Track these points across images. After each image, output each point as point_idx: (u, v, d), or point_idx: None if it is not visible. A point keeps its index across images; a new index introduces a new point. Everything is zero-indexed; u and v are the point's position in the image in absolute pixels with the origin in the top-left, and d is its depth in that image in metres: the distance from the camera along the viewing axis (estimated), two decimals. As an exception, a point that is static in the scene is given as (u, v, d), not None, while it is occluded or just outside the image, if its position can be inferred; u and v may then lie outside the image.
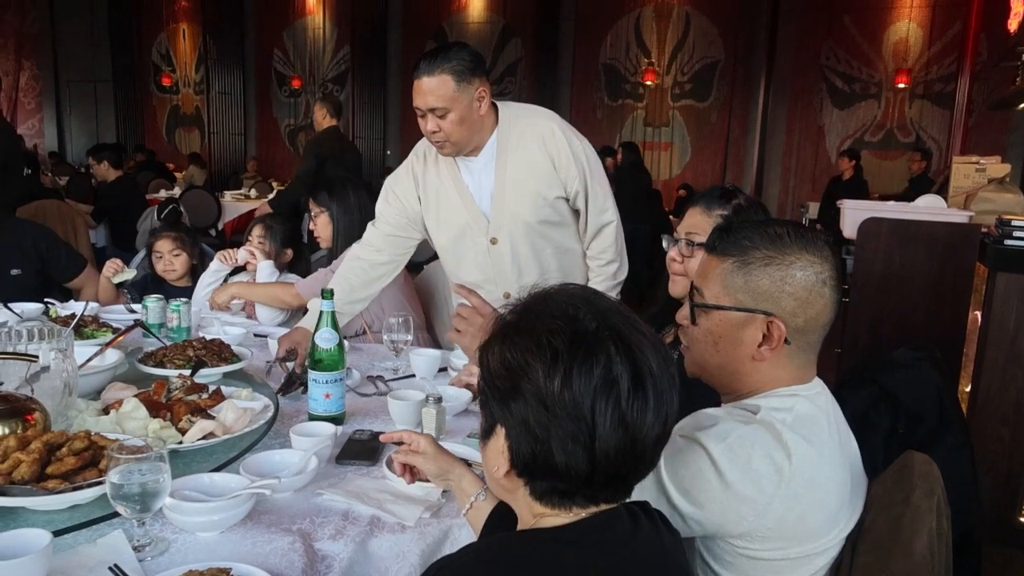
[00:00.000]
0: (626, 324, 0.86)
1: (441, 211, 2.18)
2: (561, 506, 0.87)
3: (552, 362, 0.82)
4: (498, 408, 0.87)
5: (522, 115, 2.13)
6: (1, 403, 1.34)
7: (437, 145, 2.05)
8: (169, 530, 1.19)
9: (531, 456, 0.85)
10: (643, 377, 0.83)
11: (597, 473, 0.83)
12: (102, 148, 5.94)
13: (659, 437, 0.86)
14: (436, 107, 1.95)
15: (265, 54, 11.87)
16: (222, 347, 1.95)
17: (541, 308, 0.87)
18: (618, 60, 9.83)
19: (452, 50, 1.97)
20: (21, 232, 2.91)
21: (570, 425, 0.81)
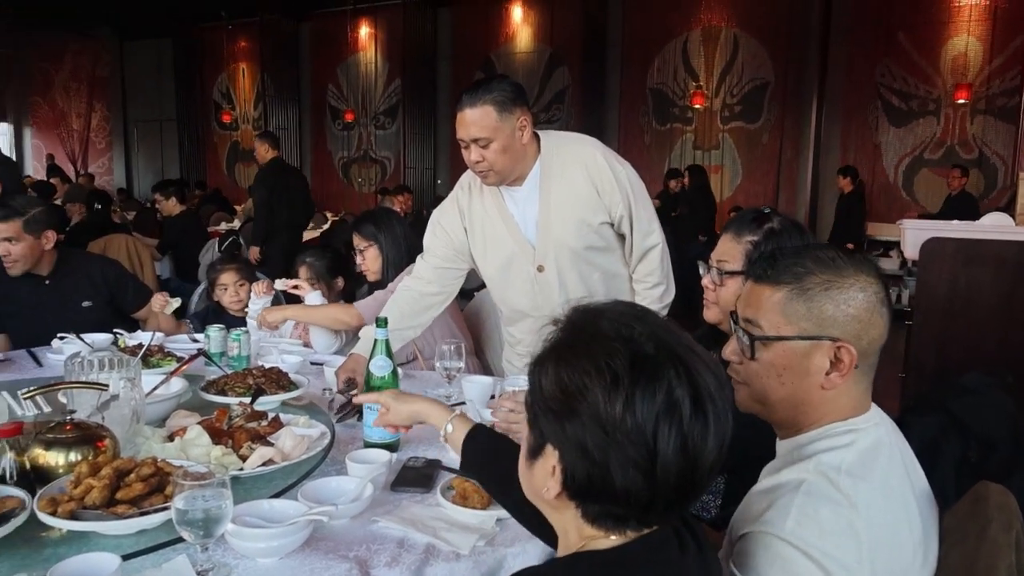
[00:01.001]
0: (681, 345, 0.85)
1: (487, 241, 2.21)
2: (614, 530, 0.86)
3: (612, 386, 0.80)
4: (551, 428, 0.86)
5: (564, 143, 2.15)
6: (74, 430, 1.40)
7: (481, 175, 2.09)
8: (231, 555, 1.22)
9: (586, 479, 0.83)
10: (703, 400, 0.81)
11: (657, 498, 0.82)
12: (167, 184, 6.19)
13: (715, 462, 0.84)
14: (479, 137, 2.00)
15: (320, 89, 12.23)
16: (280, 375, 2.00)
17: (594, 328, 0.86)
18: (666, 84, 9.81)
19: (494, 82, 2.02)
20: (92, 266, 3.04)
21: (631, 450, 0.80)
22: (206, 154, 13.31)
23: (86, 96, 14.09)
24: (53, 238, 2.84)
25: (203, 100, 13.11)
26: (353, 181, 12.17)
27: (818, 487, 0.98)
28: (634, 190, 2.14)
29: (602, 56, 9.99)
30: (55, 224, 2.90)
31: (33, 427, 1.45)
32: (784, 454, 1.09)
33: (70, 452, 1.37)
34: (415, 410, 1.42)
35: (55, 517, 1.20)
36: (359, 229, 2.75)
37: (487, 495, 1.43)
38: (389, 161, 11.83)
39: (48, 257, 2.85)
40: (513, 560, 1.29)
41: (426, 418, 1.41)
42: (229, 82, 12.96)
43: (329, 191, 12.12)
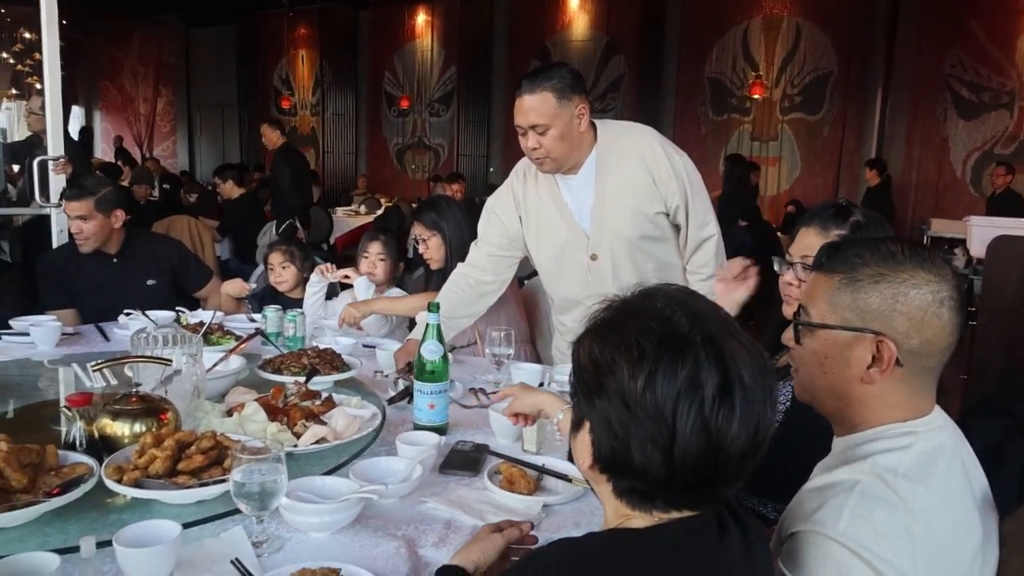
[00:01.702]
0: (722, 330, 0.84)
1: (541, 229, 2.21)
2: (642, 507, 0.87)
3: (638, 361, 0.82)
4: (584, 403, 0.89)
5: (621, 132, 2.14)
6: (139, 403, 1.46)
7: (537, 162, 2.09)
8: (285, 529, 1.26)
9: (611, 453, 0.85)
10: (731, 385, 0.81)
11: (675, 478, 0.82)
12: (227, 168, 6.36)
13: (747, 450, 0.83)
14: (537, 124, 2.00)
15: (376, 76, 12.37)
16: (334, 356, 2.04)
17: (636, 307, 0.88)
18: (724, 74, 9.61)
19: (553, 69, 2.02)
20: (156, 245, 3.15)
21: (650, 427, 0.81)
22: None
23: (153, 81, 14.53)
24: (122, 217, 2.95)
25: (263, 86, 13.39)
26: (407, 167, 12.29)
27: (873, 488, 0.96)
28: (691, 180, 2.11)
29: (659, 45, 9.84)
30: (124, 204, 3.01)
31: (101, 398, 1.52)
32: (838, 452, 1.07)
33: (135, 423, 1.43)
34: (536, 401, 1.50)
35: (121, 484, 1.26)
36: (421, 218, 2.75)
37: (534, 481, 1.44)
38: (443, 148, 11.90)
39: (116, 236, 2.96)
40: (558, 546, 1.30)
41: (543, 407, 1.48)
42: (289, 68, 13.20)
43: (383, 177, 12.26)
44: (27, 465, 1.24)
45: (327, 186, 11.94)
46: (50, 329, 2.36)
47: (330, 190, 11.84)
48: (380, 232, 3.06)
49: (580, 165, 2.12)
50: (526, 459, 1.55)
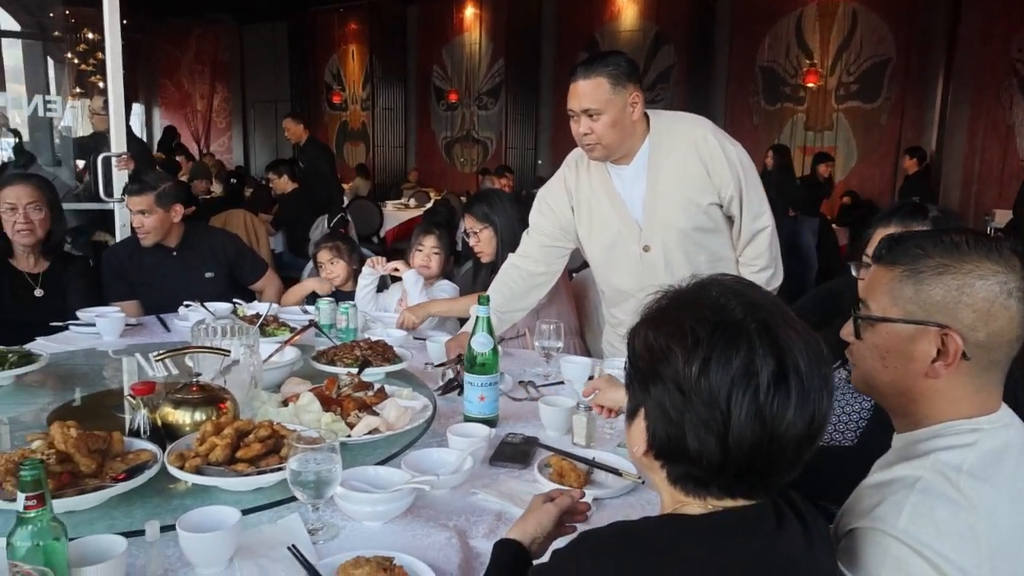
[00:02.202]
0: (777, 318, 0.84)
1: (593, 220, 2.20)
2: (696, 494, 0.88)
3: (692, 348, 0.83)
4: (639, 390, 0.90)
5: (674, 122, 2.13)
6: (199, 392, 1.50)
7: (587, 148, 2.09)
8: (339, 517, 1.28)
9: (666, 439, 0.86)
10: (787, 372, 0.81)
11: (729, 464, 0.83)
12: (281, 163, 6.48)
13: (802, 438, 0.83)
14: (590, 108, 2.00)
15: (425, 70, 12.45)
16: (386, 348, 2.07)
17: (691, 296, 0.89)
18: (777, 62, 9.39)
19: (609, 56, 2.03)
20: (214, 239, 3.24)
21: (704, 413, 0.82)
22: (317, 133, 13.81)
23: (209, 78, 14.91)
24: (181, 211, 3.04)
25: (315, 81, 13.61)
26: (455, 161, 12.36)
27: (935, 486, 0.93)
28: (745, 171, 2.08)
29: (710, 33, 9.66)
30: (183, 198, 3.10)
31: (163, 387, 1.57)
32: (899, 448, 1.04)
33: (196, 411, 1.48)
34: (619, 396, 1.55)
35: (183, 471, 1.30)
36: (472, 211, 2.76)
37: (584, 474, 1.44)
38: (491, 141, 11.92)
39: (176, 230, 3.05)
40: (609, 540, 1.29)
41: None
42: (339, 64, 13.38)
43: (432, 170, 12.35)
44: (95, 451, 1.29)
45: (377, 180, 12.09)
46: (114, 320, 2.44)
47: (380, 184, 11.99)
48: (434, 226, 3.08)
49: (632, 155, 2.11)
50: (576, 452, 1.54)
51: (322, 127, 13.80)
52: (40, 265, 2.78)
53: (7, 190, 2.68)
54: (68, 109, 4.87)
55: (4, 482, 1.20)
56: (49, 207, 2.75)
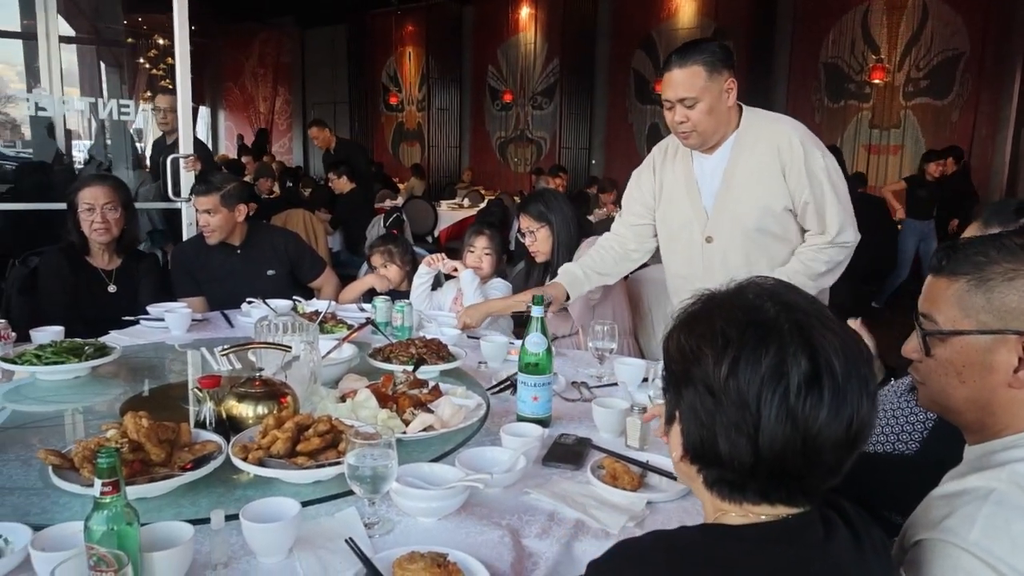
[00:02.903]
0: (812, 319, 0.83)
1: (668, 202, 2.26)
2: (732, 499, 0.86)
3: (723, 348, 0.82)
4: (673, 394, 0.89)
5: (764, 120, 2.12)
6: (262, 386, 1.55)
7: (683, 136, 2.10)
8: (394, 512, 1.30)
9: (699, 442, 0.85)
10: (820, 373, 0.80)
11: (761, 466, 0.81)
12: (339, 163, 6.60)
13: (840, 442, 0.81)
14: (686, 97, 2.01)
15: (480, 71, 12.53)
16: (440, 347, 2.10)
17: (725, 298, 0.88)
18: (841, 58, 9.13)
19: (704, 43, 2.04)
20: (276, 237, 3.33)
21: (734, 414, 0.81)
22: (373, 134, 14.07)
23: (271, 81, 15.32)
24: (245, 211, 3.13)
25: (372, 83, 13.85)
26: (509, 161, 12.40)
27: (1010, 498, 0.90)
28: (830, 180, 2.05)
29: (771, 30, 9.46)
30: (247, 198, 3.19)
31: (228, 381, 1.62)
32: (972, 460, 1.00)
33: (258, 405, 1.52)
34: None
35: (246, 462, 1.34)
36: (528, 210, 2.77)
37: (637, 477, 1.43)
38: (545, 141, 11.92)
39: (240, 228, 3.14)
40: (662, 544, 1.28)
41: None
42: (396, 65, 13.58)
43: (485, 170, 12.43)
44: (164, 441, 1.34)
45: (432, 180, 12.22)
46: (182, 315, 2.53)
47: (435, 184, 12.12)
48: (485, 226, 3.10)
49: (719, 145, 2.12)
50: (629, 455, 1.54)
51: (379, 128, 14.03)
52: (114, 262, 2.90)
53: (85, 191, 2.80)
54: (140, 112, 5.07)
55: (82, 468, 1.26)
56: (123, 207, 2.87)
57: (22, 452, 1.54)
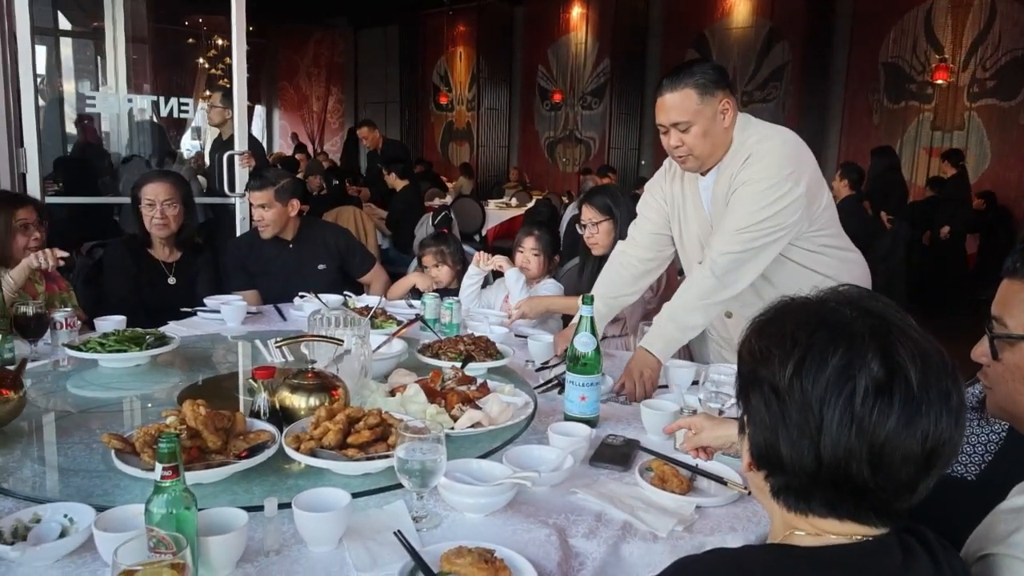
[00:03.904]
0: (892, 326, 0.79)
1: (681, 221, 2.23)
2: (798, 509, 0.83)
3: (790, 348, 0.80)
4: (742, 398, 0.87)
5: (749, 135, 2.01)
6: (314, 378, 1.58)
7: (679, 160, 2.08)
8: (441, 507, 1.31)
9: (763, 446, 0.83)
10: (892, 381, 0.76)
11: (824, 473, 0.78)
12: (392, 160, 6.67)
13: (913, 456, 0.76)
14: (679, 121, 1.97)
15: (530, 71, 12.53)
16: (488, 344, 2.10)
17: (801, 302, 0.86)
18: (902, 58, 8.86)
19: (696, 65, 1.98)
20: (327, 233, 3.39)
21: (797, 416, 0.78)
22: (423, 133, 14.19)
23: (324, 81, 15.59)
24: (297, 206, 3.19)
25: (423, 83, 13.97)
26: (558, 161, 12.37)
27: None
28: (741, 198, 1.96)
29: (828, 29, 9.23)
30: (300, 194, 3.26)
31: (281, 372, 1.65)
32: None
33: (310, 397, 1.55)
34: (729, 435, 1.37)
35: (298, 452, 1.37)
36: (593, 202, 2.77)
37: (687, 481, 1.41)
38: (594, 141, 11.86)
39: (292, 224, 3.21)
40: (712, 549, 1.26)
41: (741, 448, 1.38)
42: (447, 65, 13.68)
43: (534, 170, 12.42)
44: (220, 429, 1.37)
45: (480, 179, 12.27)
46: (237, 308, 2.59)
47: (483, 183, 12.16)
48: (535, 227, 3.10)
49: (716, 164, 2.06)
50: (679, 458, 1.51)
51: (429, 127, 14.15)
52: (174, 255, 2.99)
53: (147, 187, 2.90)
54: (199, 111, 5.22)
55: (142, 453, 1.30)
56: (183, 203, 2.95)
57: (85, 436, 1.60)
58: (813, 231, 2.05)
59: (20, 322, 2.05)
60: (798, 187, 1.93)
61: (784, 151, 1.97)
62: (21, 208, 2.59)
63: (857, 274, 2.17)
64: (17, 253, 2.52)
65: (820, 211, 2.05)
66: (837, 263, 2.12)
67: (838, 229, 2.17)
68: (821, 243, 2.09)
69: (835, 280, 2.03)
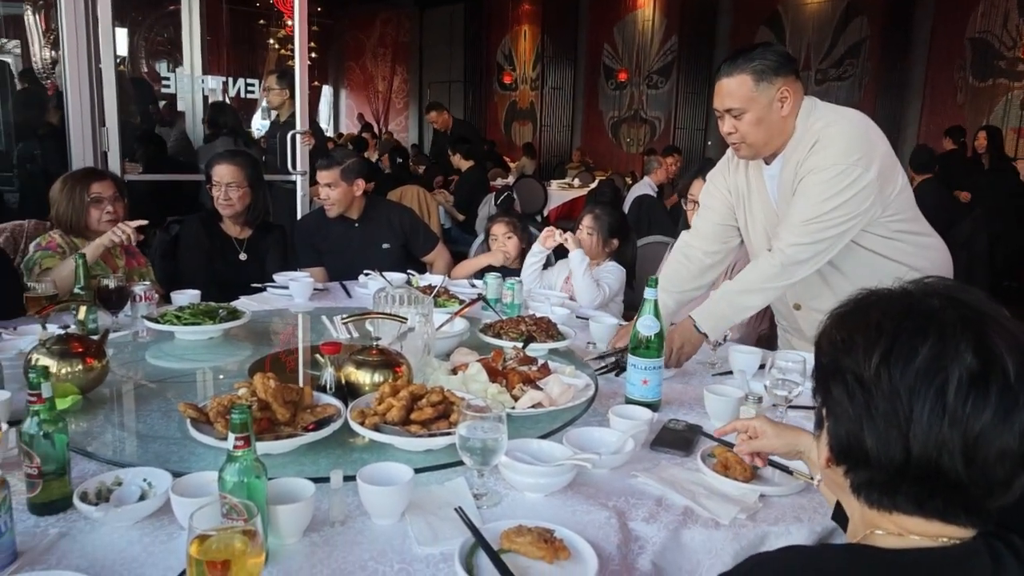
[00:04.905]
0: (985, 316, 0.75)
1: (747, 212, 2.16)
2: (882, 506, 0.79)
3: (876, 337, 0.76)
4: (822, 389, 0.84)
5: (814, 120, 1.93)
6: (379, 355, 1.60)
7: (734, 147, 2.03)
8: (501, 485, 1.32)
9: (846, 439, 0.80)
10: (988, 372, 0.72)
11: (913, 466, 0.74)
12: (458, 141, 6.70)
13: (1009, 452, 0.72)
14: (732, 107, 1.92)
15: (595, 49, 12.36)
16: (550, 325, 2.10)
17: (885, 292, 0.82)
18: (991, 32, 8.37)
19: (757, 49, 1.91)
20: (392, 212, 3.43)
21: (884, 406, 0.75)
22: (486, 113, 14.19)
23: (390, 61, 15.72)
24: (363, 186, 3.24)
25: (487, 62, 13.94)
26: (621, 141, 12.21)
27: None
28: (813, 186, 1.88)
29: (910, 2, 8.79)
30: (365, 174, 3.31)
31: (347, 348, 1.69)
32: None
33: (375, 373, 1.58)
34: (794, 442, 1.28)
35: (363, 427, 1.40)
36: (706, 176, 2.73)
37: (750, 469, 1.38)
38: (659, 121, 11.65)
39: (358, 203, 3.26)
40: (776, 540, 1.24)
41: (807, 455, 1.26)
42: (511, 44, 13.60)
43: (597, 150, 12.29)
44: (289, 401, 1.41)
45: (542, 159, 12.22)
46: (304, 284, 2.66)
47: (545, 163, 12.10)
48: (597, 206, 3.08)
49: (778, 154, 1.99)
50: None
51: (492, 107, 14.13)
52: (244, 232, 3.08)
53: (215, 168, 2.99)
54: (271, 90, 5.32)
55: (216, 422, 1.35)
56: (250, 184, 3.02)
57: (162, 404, 1.67)
58: (887, 216, 1.97)
59: (102, 294, 2.15)
60: (868, 172, 1.85)
61: (852, 135, 1.89)
62: (96, 182, 2.68)
63: (936, 260, 2.07)
64: (92, 226, 2.63)
65: (894, 195, 1.96)
66: (914, 249, 2.03)
67: (915, 213, 2.07)
68: (896, 228, 2.00)
69: (911, 267, 1.97)
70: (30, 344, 1.75)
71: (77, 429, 1.50)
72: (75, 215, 2.63)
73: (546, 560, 1.07)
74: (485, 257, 3.25)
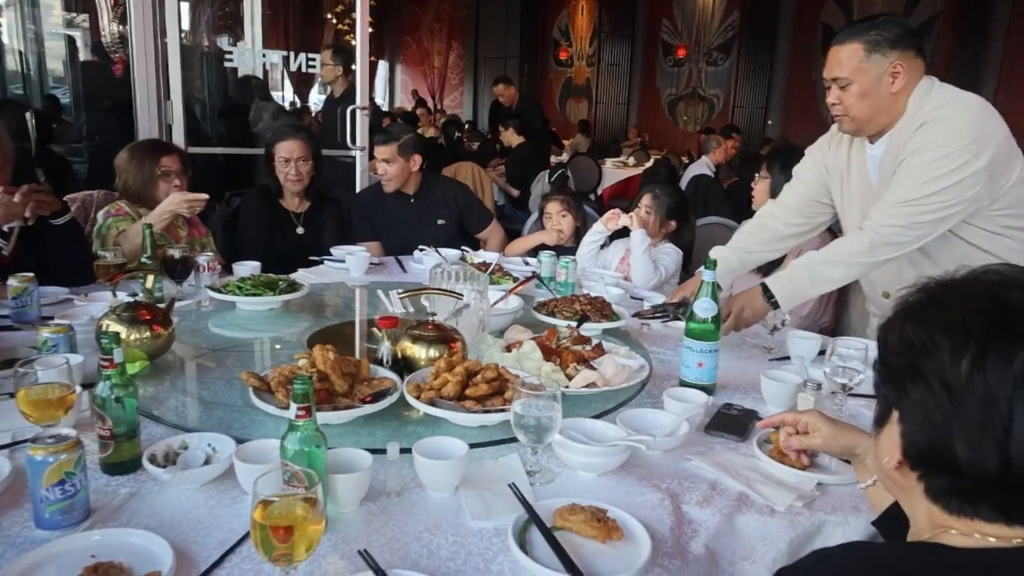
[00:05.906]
0: None
1: (843, 190, 2.09)
2: (961, 512, 0.75)
3: (963, 340, 0.72)
4: (893, 390, 0.79)
5: (927, 101, 1.83)
6: (434, 330, 1.62)
7: (836, 119, 1.95)
8: (555, 463, 1.32)
9: (928, 446, 0.75)
10: None
11: (1011, 476, 0.70)
12: (510, 116, 6.66)
13: None
14: (839, 77, 1.85)
15: (654, 25, 12.12)
16: (604, 305, 2.09)
17: (959, 283, 0.78)
18: (1078, 8, 7.92)
19: (879, 19, 1.84)
20: (447, 188, 3.44)
21: (979, 414, 0.70)
22: (541, 89, 14.08)
23: (446, 36, 15.69)
24: (419, 161, 3.26)
25: (543, 38, 13.80)
26: (679, 119, 11.98)
27: None
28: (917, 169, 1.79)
29: (989, -15, 8.36)
30: (421, 150, 3.32)
31: (403, 323, 1.71)
32: None
33: (430, 348, 1.60)
34: (851, 444, 1.24)
35: (419, 401, 1.42)
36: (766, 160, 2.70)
37: (808, 456, 1.35)
38: (718, 99, 11.38)
39: (414, 178, 3.28)
40: (833, 529, 1.22)
41: (863, 457, 1.23)
42: (568, 19, 13.43)
43: (654, 129, 12.09)
44: (347, 373, 1.44)
45: (598, 137, 12.08)
46: (361, 258, 2.70)
47: (600, 141, 11.97)
48: (656, 186, 3.03)
49: (884, 133, 1.90)
50: (801, 432, 1.45)
51: (547, 83, 14.01)
52: (302, 206, 3.14)
53: (282, 144, 3.04)
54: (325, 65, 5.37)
55: (277, 391, 1.38)
56: (313, 158, 3.08)
57: (224, 373, 1.73)
58: (996, 210, 1.85)
59: (168, 264, 2.21)
60: (978, 160, 1.75)
61: (966, 118, 1.79)
62: (166, 156, 2.76)
63: None
64: (159, 198, 2.70)
65: (1007, 188, 1.84)
66: (1021, 247, 1.90)
67: None
68: (1005, 224, 1.88)
69: None
70: (101, 310, 1.82)
71: (144, 394, 1.55)
72: (143, 186, 2.71)
73: (599, 539, 1.07)
74: (539, 235, 3.24)
